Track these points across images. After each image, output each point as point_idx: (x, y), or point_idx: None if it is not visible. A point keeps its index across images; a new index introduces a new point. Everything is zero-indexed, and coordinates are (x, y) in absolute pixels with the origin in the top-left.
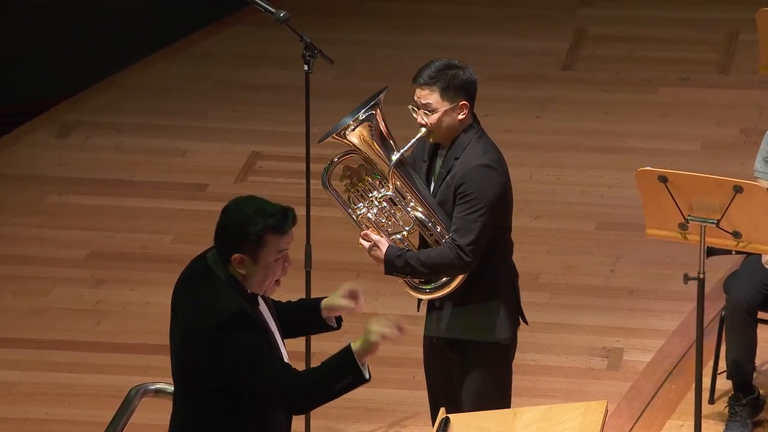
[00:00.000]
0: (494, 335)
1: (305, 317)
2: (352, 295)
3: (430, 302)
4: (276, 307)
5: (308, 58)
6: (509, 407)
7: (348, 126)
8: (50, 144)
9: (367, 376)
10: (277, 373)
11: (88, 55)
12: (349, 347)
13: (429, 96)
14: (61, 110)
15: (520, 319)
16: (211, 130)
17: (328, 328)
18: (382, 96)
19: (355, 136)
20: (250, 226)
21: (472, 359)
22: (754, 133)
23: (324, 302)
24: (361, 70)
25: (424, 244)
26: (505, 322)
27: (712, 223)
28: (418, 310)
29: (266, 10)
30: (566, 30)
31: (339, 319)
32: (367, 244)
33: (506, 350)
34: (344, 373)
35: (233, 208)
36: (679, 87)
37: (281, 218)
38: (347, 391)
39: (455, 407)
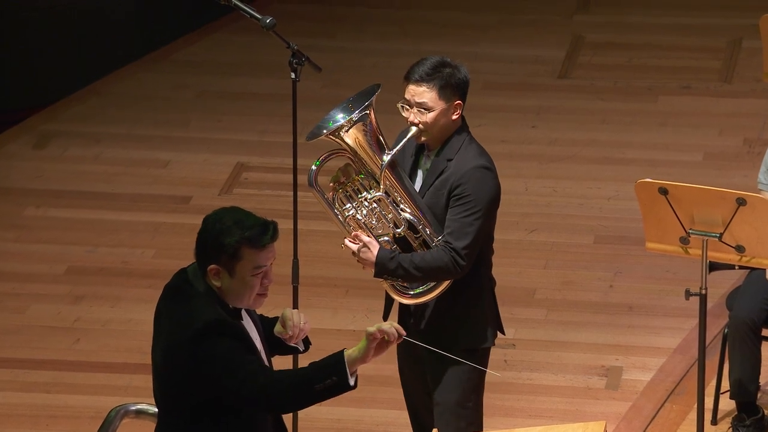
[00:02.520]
0: (478, 344)
1: (272, 338)
2: (283, 323)
3: (410, 311)
4: (262, 322)
5: (295, 65)
6: (482, 416)
7: (342, 126)
8: (27, 155)
9: (352, 383)
10: (252, 371)
11: (66, 62)
12: (341, 350)
13: (424, 94)
14: (38, 120)
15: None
16: (194, 140)
17: (293, 350)
18: (374, 96)
19: (349, 137)
20: (226, 237)
21: (448, 367)
22: (758, 144)
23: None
24: (350, 78)
25: (405, 247)
26: (488, 331)
27: (715, 236)
28: (386, 319)
29: (252, 16)
30: (563, 37)
31: (306, 342)
32: (354, 246)
33: (483, 358)
34: (328, 374)
35: (213, 218)
36: (679, 96)
37: (260, 231)
38: (330, 395)
39: (432, 417)
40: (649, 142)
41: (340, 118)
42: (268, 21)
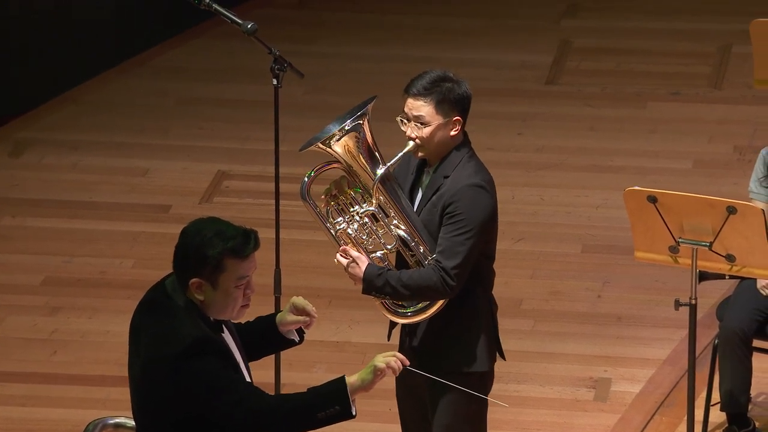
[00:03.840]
0: (473, 367)
1: (266, 335)
2: (299, 311)
3: (405, 330)
4: (237, 330)
5: (277, 71)
6: None
7: (333, 135)
8: (2, 164)
9: (354, 413)
10: (244, 394)
11: (42, 69)
12: (342, 377)
13: (422, 108)
14: (13, 128)
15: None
16: (174, 148)
17: (290, 343)
18: (370, 106)
19: (340, 146)
20: (208, 249)
21: (446, 391)
22: (748, 151)
23: (277, 318)
24: (332, 85)
25: (401, 263)
26: (484, 354)
27: (705, 245)
28: (388, 339)
29: (233, 21)
30: (550, 42)
31: (300, 332)
32: (344, 261)
33: (482, 383)
34: (331, 402)
35: (192, 230)
36: (669, 102)
37: (242, 241)
38: (330, 423)
39: None
40: (637, 149)
41: (333, 127)
42: (249, 26)
